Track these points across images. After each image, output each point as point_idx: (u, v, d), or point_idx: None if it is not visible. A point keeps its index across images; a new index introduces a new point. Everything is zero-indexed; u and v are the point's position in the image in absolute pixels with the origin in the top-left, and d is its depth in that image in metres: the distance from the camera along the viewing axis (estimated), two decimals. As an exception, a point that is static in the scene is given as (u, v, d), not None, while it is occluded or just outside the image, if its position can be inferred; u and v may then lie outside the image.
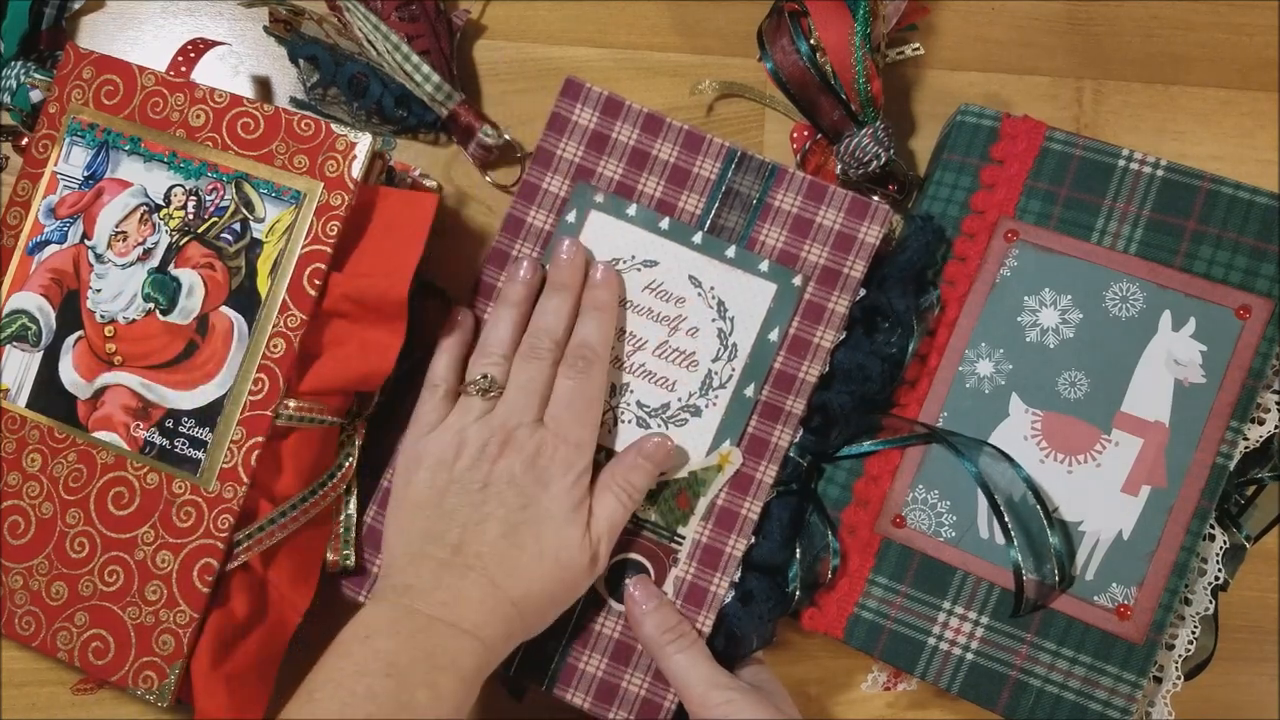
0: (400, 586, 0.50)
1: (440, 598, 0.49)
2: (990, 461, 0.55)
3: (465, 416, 0.54)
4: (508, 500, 0.51)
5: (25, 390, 0.56)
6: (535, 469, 0.52)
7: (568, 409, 0.53)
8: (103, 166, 0.57)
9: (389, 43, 0.61)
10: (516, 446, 0.52)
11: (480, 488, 0.52)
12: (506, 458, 0.52)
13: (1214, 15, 0.68)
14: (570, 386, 0.54)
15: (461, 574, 0.50)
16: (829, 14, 0.60)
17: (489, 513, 0.51)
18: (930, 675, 0.55)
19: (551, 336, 0.54)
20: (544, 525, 0.51)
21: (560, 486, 0.52)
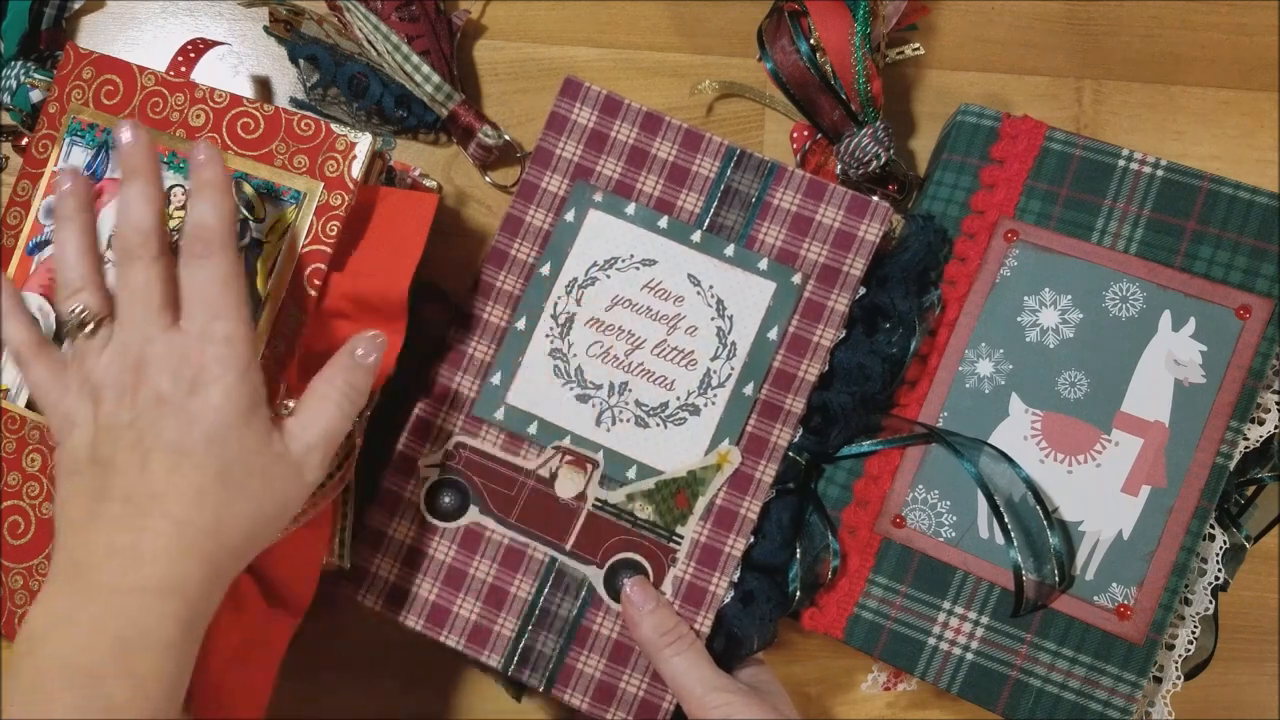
0: (68, 567, 0.43)
1: (116, 563, 0.42)
2: (990, 461, 0.55)
3: (84, 361, 0.46)
4: (166, 426, 0.44)
5: (25, 390, 0.56)
6: (184, 381, 0.44)
7: (202, 302, 0.46)
8: (102, 166, 0.57)
9: (389, 43, 0.61)
10: (155, 365, 0.45)
11: (130, 423, 0.44)
12: (147, 382, 0.44)
13: (1214, 15, 0.68)
14: (196, 276, 0.46)
15: (136, 526, 0.43)
16: (829, 14, 0.60)
17: (149, 447, 0.44)
18: (930, 675, 0.55)
19: (141, 229, 0.46)
20: (218, 440, 0.44)
21: (220, 391, 0.44)
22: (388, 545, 0.56)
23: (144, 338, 0.45)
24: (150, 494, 0.43)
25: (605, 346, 0.57)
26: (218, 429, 0.44)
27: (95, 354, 0.46)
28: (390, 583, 0.56)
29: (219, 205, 0.47)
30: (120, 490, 0.44)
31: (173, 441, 0.44)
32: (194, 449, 0.44)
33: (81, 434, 0.45)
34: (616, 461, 0.56)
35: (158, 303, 0.46)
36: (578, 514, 0.56)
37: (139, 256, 0.46)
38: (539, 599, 0.55)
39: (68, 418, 0.46)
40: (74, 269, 0.48)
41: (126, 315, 0.46)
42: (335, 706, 0.62)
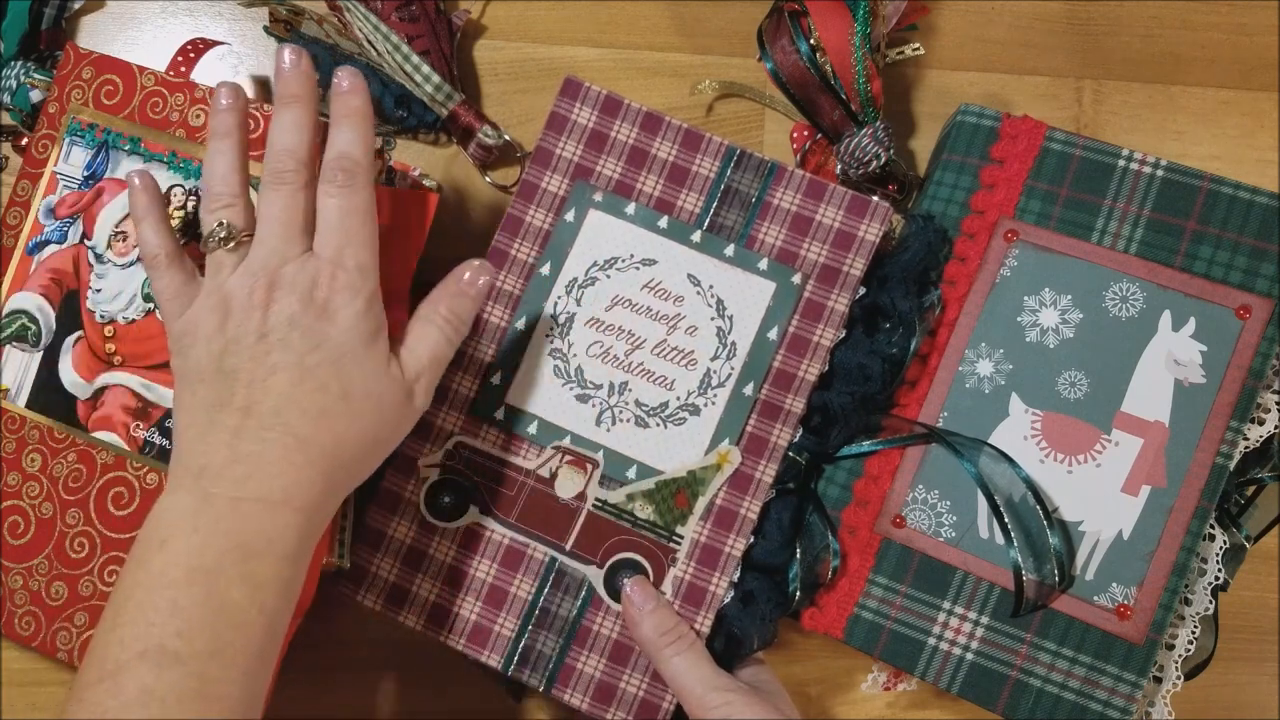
0: (194, 469, 0.45)
1: (239, 471, 0.44)
2: (990, 462, 0.55)
3: (219, 274, 0.47)
4: (293, 344, 0.46)
5: (25, 390, 0.56)
6: (315, 303, 0.46)
7: (339, 230, 0.47)
8: (102, 166, 0.57)
9: (389, 43, 0.61)
10: (287, 285, 0.46)
11: (258, 339, 0.46)
12: (278, 300, 0.46)
13: (1214, 15, 0.68)
14: (336, 205, 0.47)
15: (259, 438, 0.44)
16: (829, 14, 0.60)
17: (275, 363, 0.45)
18: (930, 675, 0.55)
19: (295, 156, 0.48)
20: (343, 362, 0.46)
21: (348, 316, 0.46)
22: (388, 545, 0.56)
23: (280, 258, 0.47)
24: (274, 408, 0.45)
25: (605, 346, 0.57)
26: (342, 352, 0.46)
27: (230, 269, 0.47)
28: (390, 583, 0.56)
29: (364, 136, 0.49)
30: (243, 401, 0.45)
31: (298, 360, 0.45)
32: (318, 369, 0.46)
33: (207, 344, 0.46)
34: (616, 461, 0.56)
35: (298, 227, 0.47)
36: (578, 514, 0.56)
37: (287, 181, 0.47)
38: (539, 599, 0.55)
39: (193, 326, 0.47)
40: (224, 182, 0.48)
41: (265, 235, 0.47)
42: (335, 706, 0.61)
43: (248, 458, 0.44)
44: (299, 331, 0.46)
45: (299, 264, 0.47)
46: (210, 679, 0.41)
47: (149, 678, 0.41)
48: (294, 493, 0.45)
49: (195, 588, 0.42)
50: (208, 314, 0.47)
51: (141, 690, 0.40)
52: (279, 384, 0.45)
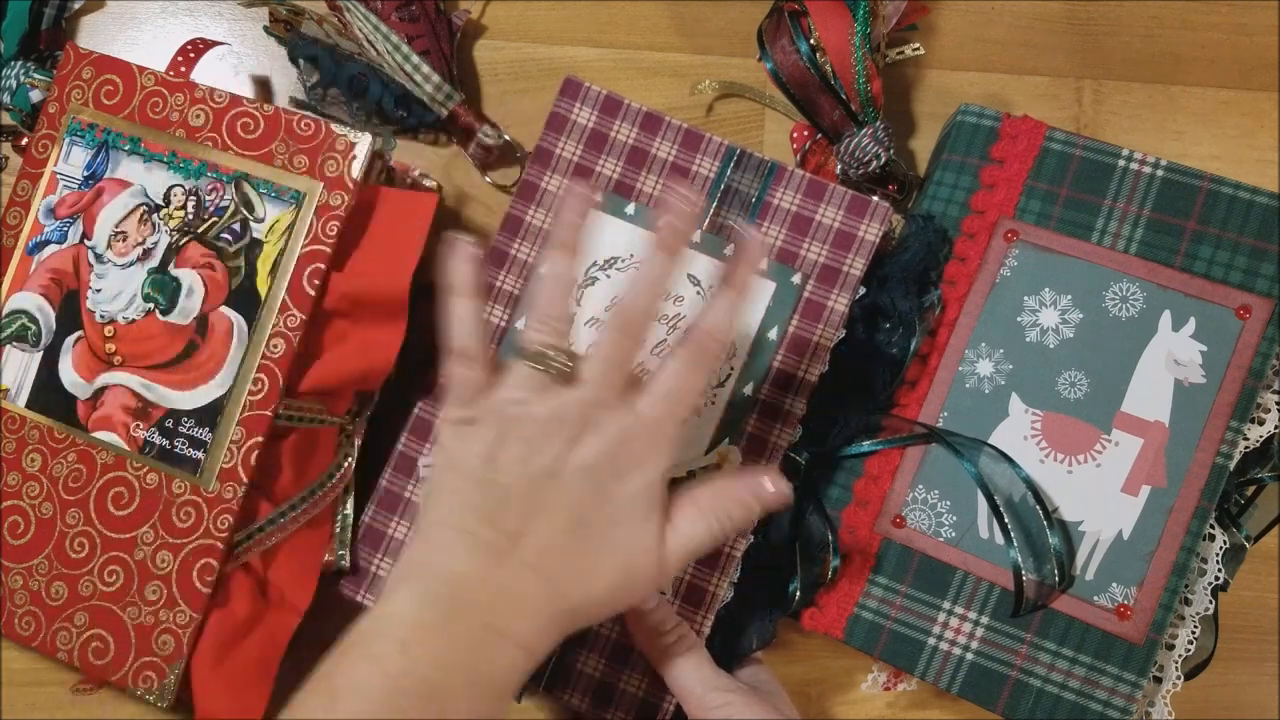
0: (446, 574, 0.43)
1: (491, 599, 0.42)
2: (990, 462, 0.55)
3: (527, 389, 0.44)
4: (579, 494, 0.43)
5: (25, 390, 0.56)
6: (616, 462, 0.44)
7: (668, 399, 0.45)
8: (102, 166, 0.57)
9: (389, 43, 0.61)
10: (598, 433, 0.44)
11: (548, 475, 0.43)
12: (585, 445, 0.44)
13: (1214, 15, 0.68)
14: (681, 369, 0.45)
15: (519, 574, 0.43)
16: (829, 14, 0.60)
17: (557, 504, 0.43)
18: (930, 675, 0.55)
19: (646, 313, 0.45)
20: (618, 528, 0.44)
21: (639, 485, 0.44)
22: (388, 545, 0.56)
23: (598, 404, 0.44)
24: (543, 549, 0.43)
25: (605, 346, 0.57)
26: (619, 520, 0.44)
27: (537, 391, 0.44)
28: (390, 583, 0.56)
29: (736, 316, 0.47)
30: (514, 526, 0.43)
31: (579, 514, 0.43)
32: (594, 528, 0.44)
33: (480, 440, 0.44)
34: (616, 461, 0.56)
35: (621, 379, 0.45)
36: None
37: (630, 335, 0.45)
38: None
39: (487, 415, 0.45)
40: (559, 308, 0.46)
41: (595, 372, 0.45)
42: (335, 706, 0.61)
43: (503, 589, 0.43)
44: (590, 483, 0.44)
45: (614, 415, 0.44)
46: None
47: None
48: (533, 642, 0.43)
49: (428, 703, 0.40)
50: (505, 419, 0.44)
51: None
52: (553, 526, 0.43)
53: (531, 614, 0.43)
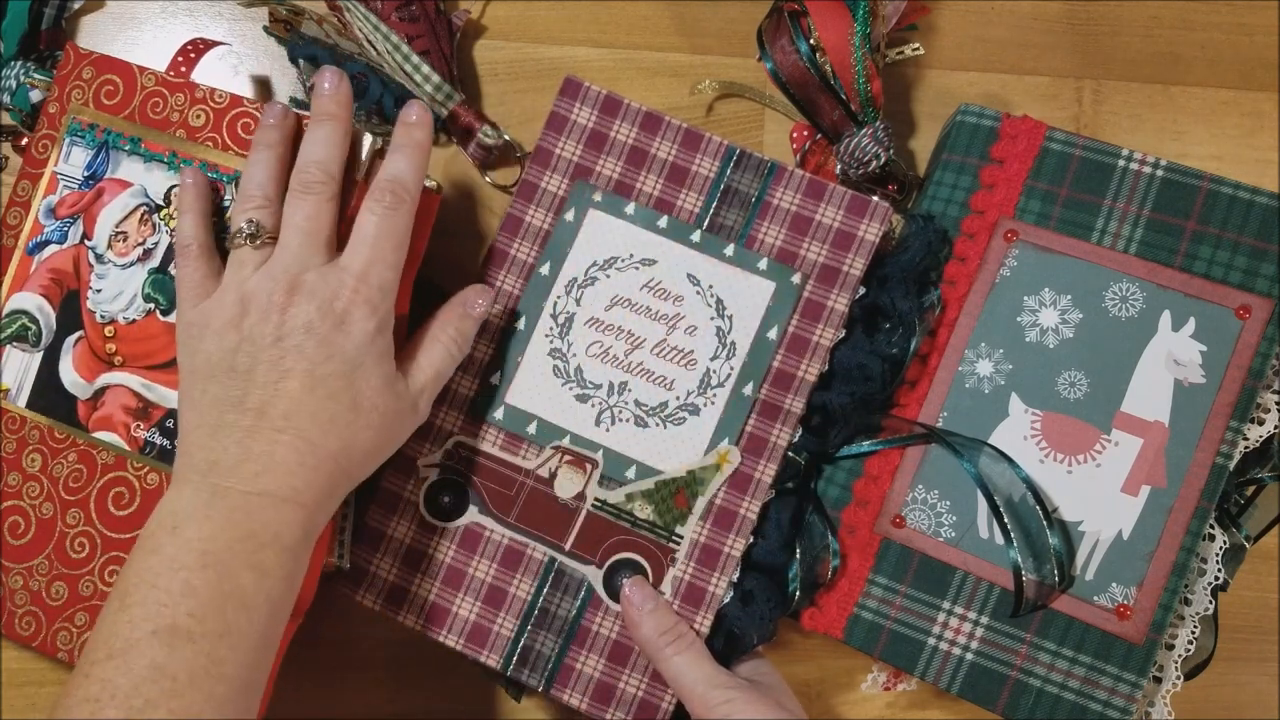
0: (204, 464, 0.46)
1: (251, 469, 0.46)
2: (990, 462, 0.55)
3: (240, 270, 0.49)
4: (308, 351, 0.47)
5: (25, 390, 0.56)
6: (333, 314, 0.48)
7: (371, 247, 0.49)
8: (103, 166, 0.57)
9: (389, 43, 0.61)
10: (307, 292, 0.48)
11: (274, 341, 0.47)
12: (297, 305, 0.47)
13: (1214, 15, 0.68)
14: (375, 222, 0.49)
15: (271, 439, 0.46)
16: (829, 14, 0.60)
17: (289, 367, 0.47)
18: (930, 675, 0.55)
19: (324, 169, 0.50)
20: (354, 374, 0.48)
21: (363, 331, 0.48)
22: (387, 545, 0.56)
23: (302, 264, 0.48)
24: (284, 412, 0.47)
25: (605, 346, 0.57)
26: (354, 364, 0.48)
27: (251, 267, 0.48)
28: (389, 582, 0.56)
29: (420, 167, 0.51)
30: (256, 402, 0.47)
31: (311, 367, 0.47)
32: (330, 379, 0.47)
33: (219, 338, 0.48)
34: (616, 461, 0.56)
35: (322, 237, 0.49)
36: (577, 514, 0.56)
37: (314, 191, 0.49)
38: (538, 599, 0.55)
39: (207, 317, 0.49)
40: (259, 187, 0.50)
41: (289, 240, 0.49)
42: (335, 706, 0.62)
43: (259, 457, 0.46)
44: (314, 339, 0.47)
45: (321, 273, 0.48)
46: (219, 659, 0.43)
47: (160, 655, 0.42)
48: (301, 491, 0.46)
49: (208, 571, 0.44)
50: (225, 308, 0.48)
51: (152, 667, 0.42)
52: (292, 389, 0.47)
53: (292, 471, 0.46)
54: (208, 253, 0.51)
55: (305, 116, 0.53)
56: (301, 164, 0.50)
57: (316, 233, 0.49)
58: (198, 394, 0.48)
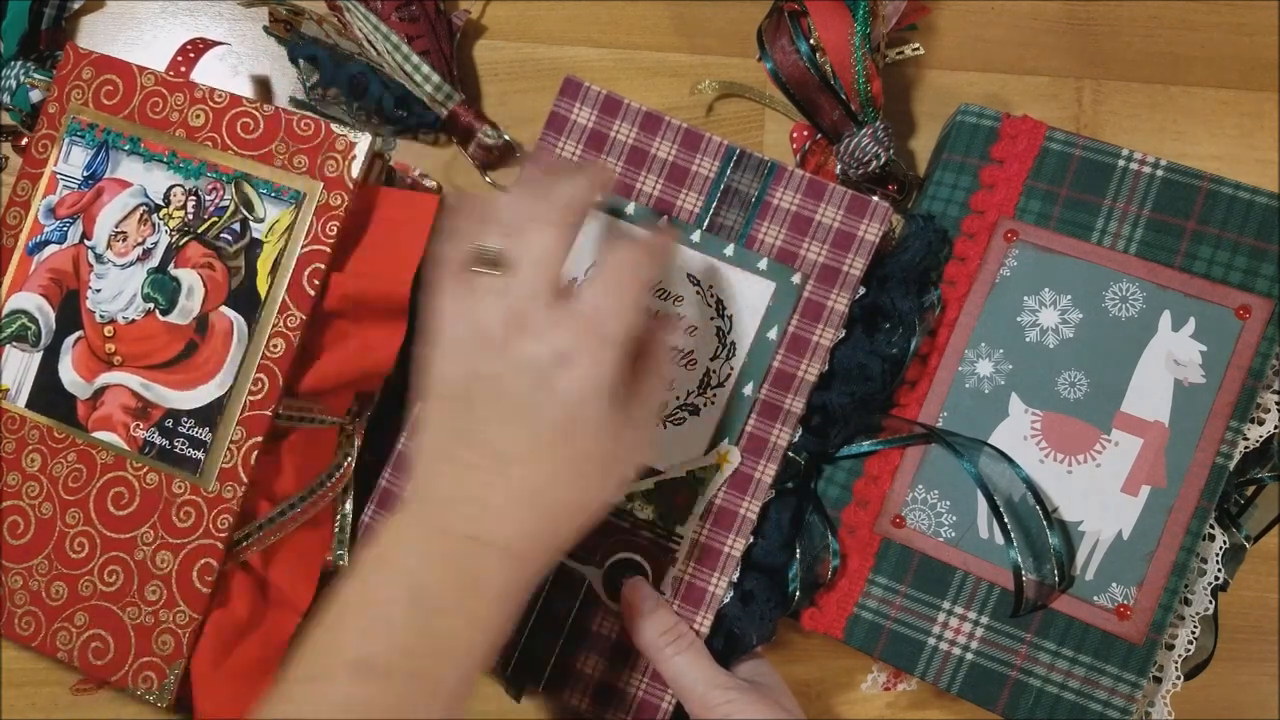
0: (425, 498, 0.46)
1: (468, 511, 0.44)
2: (990, 462, 0.55)
3: (472, 296, 0.46)
4: (534, 397, 0.44)
5: (25, 390, 0.56)
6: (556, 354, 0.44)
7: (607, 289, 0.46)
8: (102, 166, 0.57)
9: (389, 43, 0.61)
10: (532, 330, 0.44)
11: (496, 376, 0.45)
12: (523, 342, 0.44)
13: (1214, 15, 0.68)
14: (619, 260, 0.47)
15: (492, 483, 0.44)
16: (829, 14, 0.60)
17: (516, 410, 0.44)
18: (930, 675, 0.55)
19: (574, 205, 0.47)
20: (577, 426, 0.45)
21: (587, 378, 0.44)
22: (387, 545, 0.56)
23: (534, 301, 0.45)
24: (506, 455, 0.44)
25: (605, 346, 0.57)
26: (578, 415, 0.44)
27: (485, 294, 0.46)
28: (390, 583, 0.56)
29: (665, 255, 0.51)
30: (480, 439, 0.45)
31: (534, 411, 0.44)
32: (555, 428, 0.44)
33: (454, 365, 0.46)
34: (616, 461, 0.56)
35: (554, 274, 0.45)
36: (577, 514, 0.56)
37: (556, 224, 0.46)
38: (538, 599, 0.55)
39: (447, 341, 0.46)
40: (504, 209, 0.47)
41: (523, 272, 0.45)
42: (335, 706, 0.61)
43: (476, 500, 0.44)
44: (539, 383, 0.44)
45: (551, 308, 0.45)
46: (408, 701, 0.42)
47: (353, 688, 0.41)
48: (515, 543, 0.44)
49: (411, 609, 0.42)
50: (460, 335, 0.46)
51: (344, 699, 0.41)
52: (514, 430, 0.44)
53: (507, 519, 0.44)
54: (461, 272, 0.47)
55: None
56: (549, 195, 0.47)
57: (549, 269, 0.45)
58: (433, 416, 0.47)
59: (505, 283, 0.45)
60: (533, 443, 0.44)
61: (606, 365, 0.45)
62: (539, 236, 0.46)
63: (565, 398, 0.44)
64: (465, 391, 0.45)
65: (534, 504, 0.45)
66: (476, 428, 0.45)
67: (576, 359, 0.44)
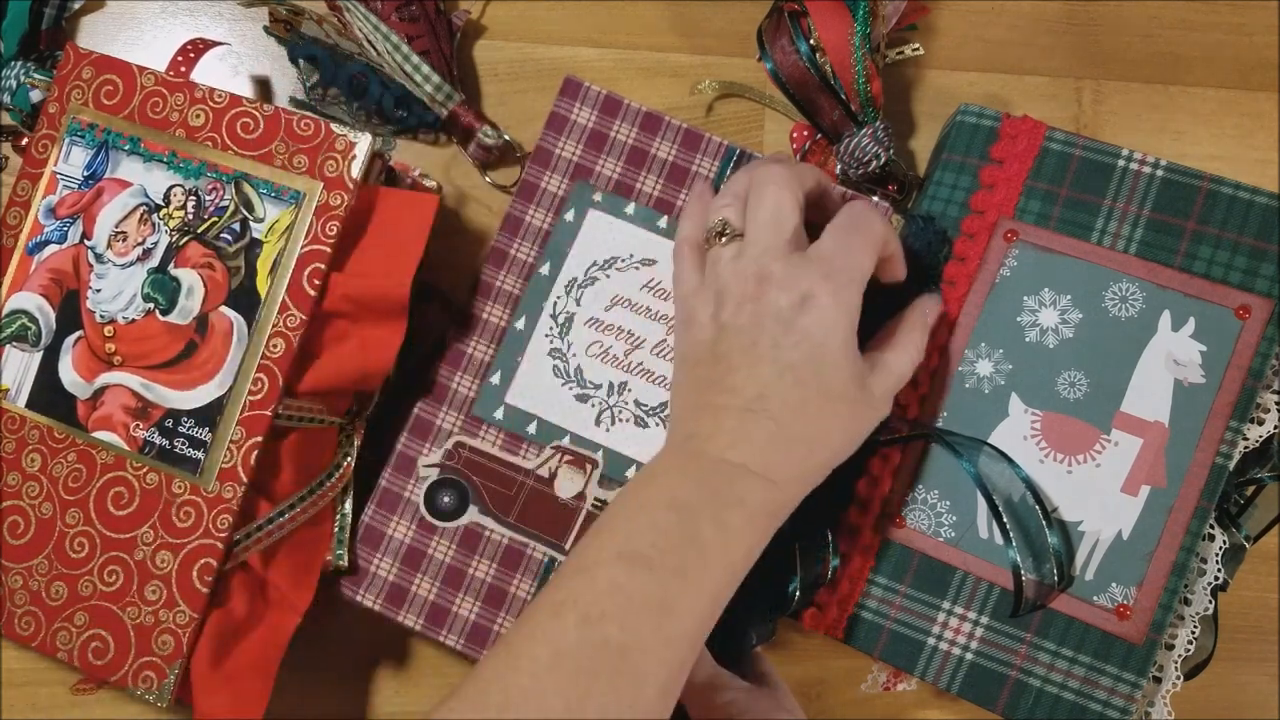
0: (683, 435, 0.49)
1: (724, 441, 0.48)
2: (989, 461, 0.55)
3: (715, 266, 0.51)
4: (779, 339, 0.48)
5: (25, 390, 0.56)
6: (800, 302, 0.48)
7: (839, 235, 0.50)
8: (102, 166, 0.57)
9: (389, 43, 0.61)
10: (776, 282, 0.49)
11: (746, 329, 0.49)
12: (767, 295, 0.49)
13: (1214, 15, 0.68)
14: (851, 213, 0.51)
15: (744, 417, 0.48)
16: (829, 14, 0.60)
17: (762, 354, 0.48)
18: (930, 675, 0.55)
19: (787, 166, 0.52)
20: (823, 363, 0.48)
21: (828, 318, 0.48)
22: (387, 545, 0.56)
23: (769, 255, 0.49)
24: (757, 394, 0.48)
25: (605, 346, 0.57)
26: (822, 352, 0.48)
27: (725, 262, 0.50)
28: (389, 582, 0.56)
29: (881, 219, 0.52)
30: (731, 384, 0.48)
31: (782, 357, 0.48)
32: (800, 365, 0.48)
33: (703, 330, 0.50)
34: (616, 461, 0.56)
35: (788, 228, 0.50)
36: (577, 514, 0.56)
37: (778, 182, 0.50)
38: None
39: (693, 313, 0.51)
40: (732, 187, 0.52)
41: (756, 235, 0.50)
42: (335, 706, 0.62)
43: (731, 431, 0.48)
44: (783, 326, 0.48)
45: (786, 261, 0.49)
46: (672, 595, 0.45)
47: (621, 575, 0.45)
48: (768, 467, 0.47)
49: (674, 514, 0.46)
50: (704, 303, 0.51)
51: (612, 584, 0.45)
52: (763, 374, 0.48)
53: (764, 447, 0.47)
54: (698, 251, 0.53)
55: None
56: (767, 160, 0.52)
57: (781, 224, 0.50)
58: (684, 378, 0.51)
59: (739, 246, 0.50)
60: (780, 379, 0.48)
61: (845, 302, 0.49)
62: (768, 199, 0.50)
63: (809, 335, 0.48)
64: (713, 350, 0.50)
65: (785, 434, 0.48)
66: (727, 377, 0.49)
67: (817, 299, 0.48)
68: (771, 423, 0.48)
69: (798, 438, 0.48)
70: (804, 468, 0.49)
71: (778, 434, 0.48)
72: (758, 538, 0.48)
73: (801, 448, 0.48)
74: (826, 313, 0.48)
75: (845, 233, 0.50)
